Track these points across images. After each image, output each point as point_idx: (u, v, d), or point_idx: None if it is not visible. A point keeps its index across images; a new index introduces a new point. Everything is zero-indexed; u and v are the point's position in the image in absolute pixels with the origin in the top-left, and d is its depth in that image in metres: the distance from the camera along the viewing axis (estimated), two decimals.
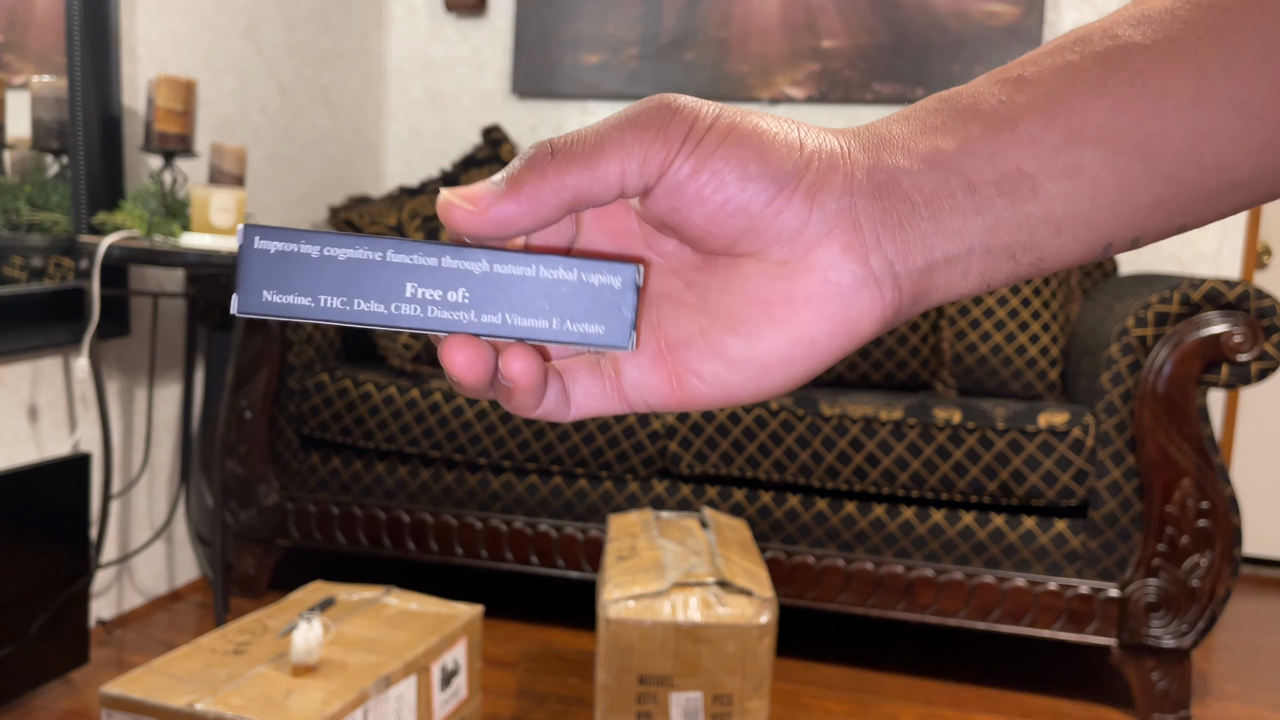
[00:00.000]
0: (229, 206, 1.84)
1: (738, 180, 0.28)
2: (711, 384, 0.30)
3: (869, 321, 0.29)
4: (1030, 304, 2.29)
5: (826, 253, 0.28)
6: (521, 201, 0.28)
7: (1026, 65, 0.29)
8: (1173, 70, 0.27)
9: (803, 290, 0.29)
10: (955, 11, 2.64)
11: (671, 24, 2.82)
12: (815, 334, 0.29)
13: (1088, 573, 1.91)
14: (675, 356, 0.31)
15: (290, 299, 0.28)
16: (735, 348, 0.30)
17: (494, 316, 0.28)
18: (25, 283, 1.85)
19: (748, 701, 1.43)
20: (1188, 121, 0.27)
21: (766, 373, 0.30)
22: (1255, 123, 0.27)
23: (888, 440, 1.98)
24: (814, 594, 2.01)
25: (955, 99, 0.29)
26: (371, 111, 2.99)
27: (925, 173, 0.28)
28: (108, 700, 1.23)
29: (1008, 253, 0.29)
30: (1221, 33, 0.26)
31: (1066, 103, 0.27)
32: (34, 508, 1.74)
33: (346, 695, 1.27)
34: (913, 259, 0.28)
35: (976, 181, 0.28)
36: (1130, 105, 0.27)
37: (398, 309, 0.28)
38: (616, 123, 0.28)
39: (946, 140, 0.28)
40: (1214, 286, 1.83)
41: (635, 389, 0.31)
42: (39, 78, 1.89)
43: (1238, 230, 2.61)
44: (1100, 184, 0.28)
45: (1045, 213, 0.28)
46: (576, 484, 2.12)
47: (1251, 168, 0.27)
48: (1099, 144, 0.27)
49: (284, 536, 2.23)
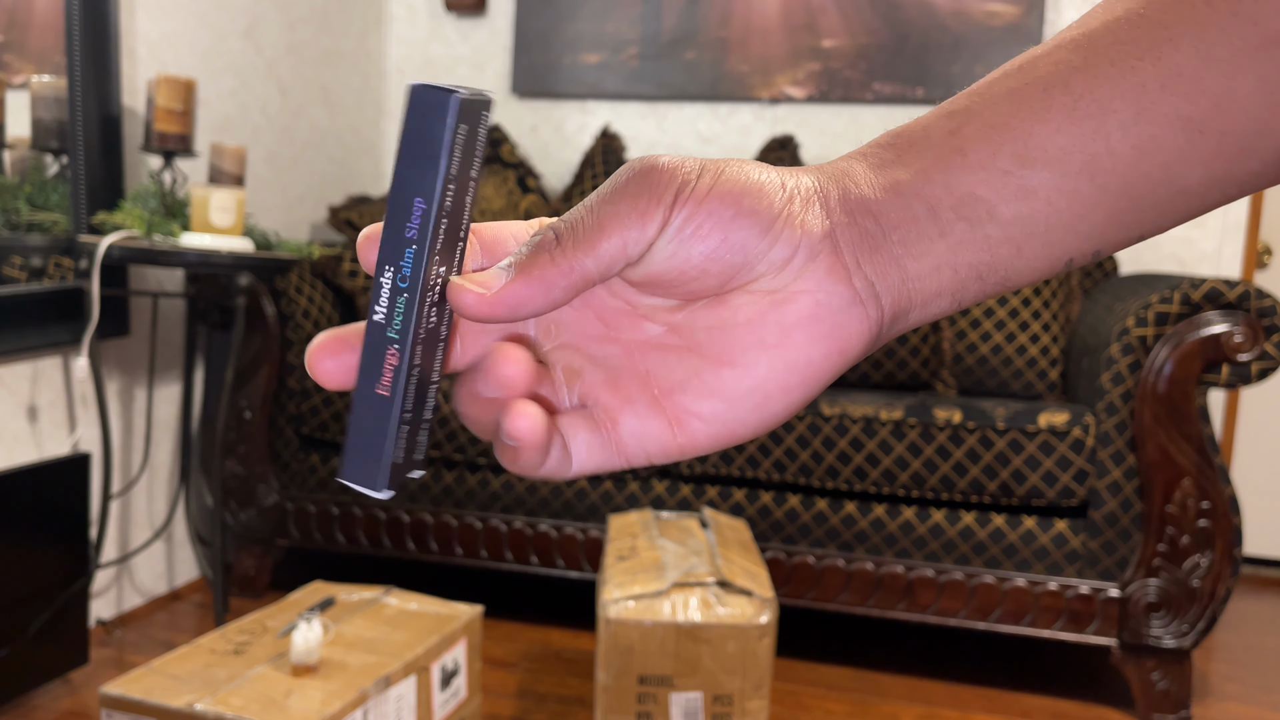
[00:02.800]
0: (229, 206, 1.84)
1: (734, 216, 0.29)
2: (712, 422, 0.31)
3: (858, 340, 0.30)
4: (1031, 304, 2.28)
5: (813, 277, 0.29)
6: (532, 285, 0.29)
7: (973, 96, 0.30)
8: (1113, 91, 0.28)
9: (794, 315, 0.30)
10: (955, 11, 2.64)
11: (672, 24, 2.81)
12: (810, 356, 0.30)
13: (1088, 573, 1.91)
14: (672, 401, 0.31)
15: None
16: (733, 380, 0.30)
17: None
18: (25, 283, 1.85)
19: (748, 702, 1.43)
20: (1131, 139, 0.28)
21: (767, 401, 0.30)
22: (1198, 135, 0.27)
23: (888, 440, 1.98)
24: (814, 594, 2.01)
25: (907, 134, 0.30)
26: (371, 111, 2.99)
27: (889, 200, 0.29)
28: (107, 700, 1.23)
29: (974, 272, 0.30)
30: (1159, 51, 0.27)
31: (1011, 129, 0.29)
32: (34, 508, 1.73)
33: (346, 695, 1.27)
34: (889, 278, 0.30)
35: (936, 206, 0.29)
36: (1074, 127, 0.28)
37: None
38: (608, 196, 0.29)
39: (903, 172, 0.30)
40: (1214, 286, 1.83)
41: (634, 439, 0.31)
42: (39, 77, 1.89)
43: (1238, 230, 2.61)
44: (1053, 204, 0.29)
45: (1003, 234, 0.29)
46: (576, 484, 2.12)
47: (1200, 177, 0.28)
48: (1046, 166, 0.28)
49: (284, 536, 2.23)
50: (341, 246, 2.41)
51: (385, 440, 0.29)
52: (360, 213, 2.54)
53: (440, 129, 0.27)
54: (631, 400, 0.31)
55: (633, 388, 0.31)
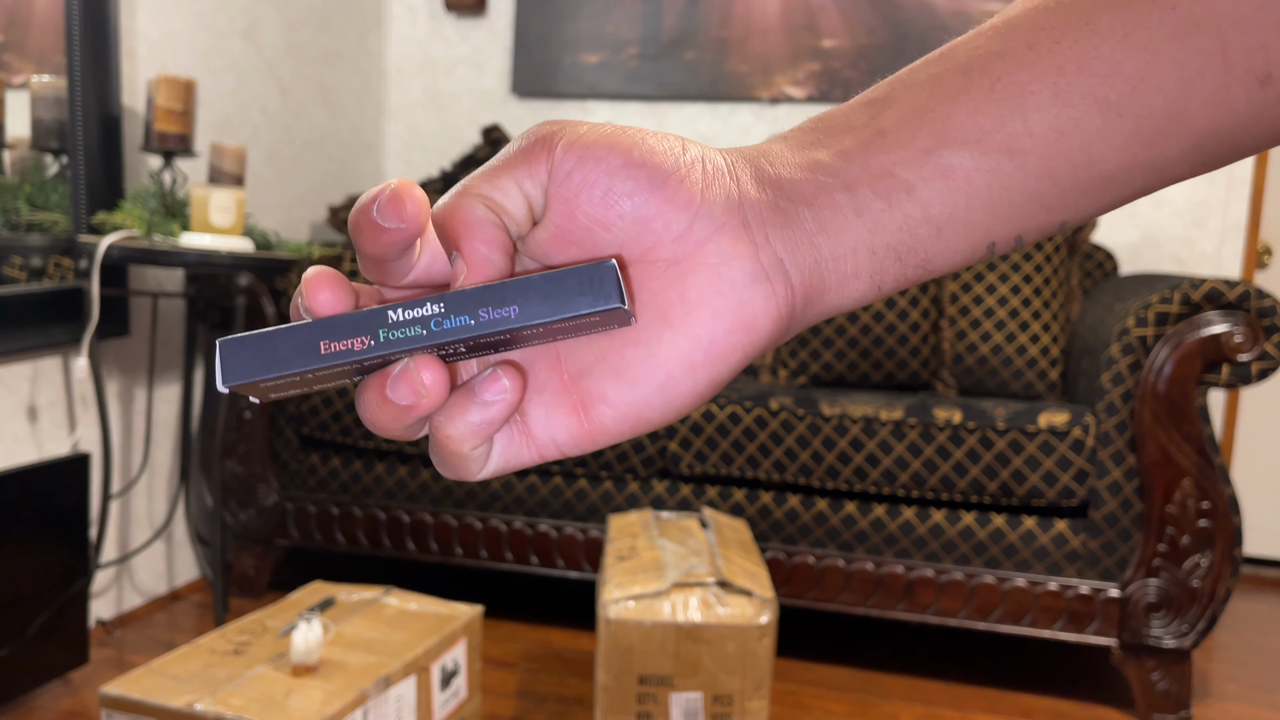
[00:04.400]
0: (229, 206, 1.84)
1: (623, 165, 0.28)
2: (618, 405, 0.30)
3: (765, 319, 0.29)
4: (1031, 304, 2.28)
5: (716, 249, 0.29)
6: (440, 208, 0.29)
7: (894, 84, 0.30)
8: (1031, 73, 0.28)
9: (696, 289, 0.29)
10: (955, 11, 2.64)
11: (672, 23, 2.81)
12: (714, 333, 0.29)
13: (1088, 573, 1.91)
14: (578, 385, 0.30)
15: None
16: (635, 359, 0.29)
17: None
18: (25, 283, 1.85)
19: (748, 702, 1.43)
20: (1049, 119, 0.28)
21: (671, 381, 0.29)
22: (1116, 117, 0.28)
23: (888, 440, 1.98)
24: (814, 594, 2.01)
25: (829, 119, 0.31)
26: (371, 111, 2.99)
27: (805, 178, 0.29)
28: (107, 700, 1.23)
29: (892, 254, 0.29)
30: (1078, 34, 0.27)
31: (931, 111, 0.29)
32: (34, 508, 1.73)
33: (346, 695, 1.27)
34: (801, 256, 0.29)
35: (853, 184, 0.29)
36: (992, 108, 0.28)
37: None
38: (504, 152, 0.30)
39: (822, 153, 0.29)
40: (1214, 286, 1.83)
41: (544, 429, 0.30)
42: (39, 77, 1.89)
43: (1238, 230, 2.61)
44: (972, 184, 0.29)
45: (923, 214, 0.29)
46: (576, 484, 2.12)
47: (1120, 161, 0.28)
48: (965, 146, 0.28)
49: (284, 536, 2.23)
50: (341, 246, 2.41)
51: (278, 368, 0.28)
52: None
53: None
54: (540, 389, 0.30)
55: (543, 373, 0.31)
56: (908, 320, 2.34)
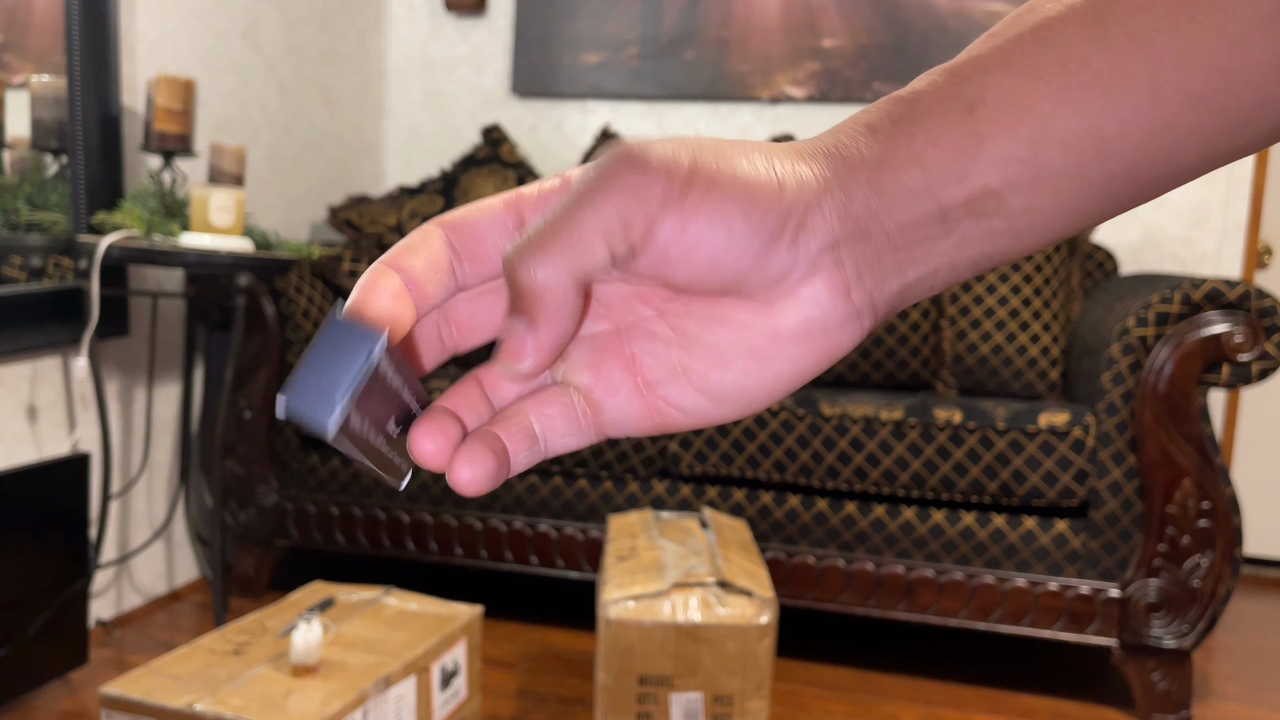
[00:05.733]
0: (228, 206, 1.84)
1: (725, 240, 0.27)
2: (693, 415, 0.31)
3: (848, 347, 0.30)
4: (1031, 304, 2.28)
5: (810, 291, 0.28)
6: (549, 329, 0.28)
7: (986, 64, 0.28)
8: (1130, 67, 0.26)
9: (788, 329, 0.29)
10: (956, 11, 2.64)
11: (672, 23, 2.81)
12: (800, 369, 0.30)
13: (1088, 573, 1.91)
14: (655, 392, 0.31)
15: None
16: (720, 383, 0.30)
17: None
18: (25, 282, 1.84)
19: (748, 702, 1.43)
20: (1144, 121, 0.27)
21: (752, 403, 0.30)
22: (1206, 113, 0.26)
23: (888, 440, 1.98)
24: (814, 594, 2.01)
25: (915, 109, 0.28)
26: (371, 111, 2.98)
27: (898, 203, 0.28)
28: (107, 700, 1.23)
29: (972, 266, 0.29)
30: (1177, 20, 0.26)
31: (1030, 111, 0.27)
32: (33, 508, 1.73)
33: (346, 696, 1.27)
34: (888, 286, 0.29)
35: (948, 206, 0.28)
36: (1089, 107, 0.27)
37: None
38: (587, 191, 0.27)
39: (914, 171, 0.28)
40: (1215, 286, 1.83)
41: (614, 426, 0.31)
42: (38, 77, 1.89)
43: (1239, 230, 2.61)
44: (1059, 190, 0.28)
45: (1008, 225, 0.28)
46: (576, 484, 2.12)
47: (1198, 154, 0.27)
48: (1061, 152, 0.27)
49: (284, 536, 2.23)
50: (341, 246, 2.41)
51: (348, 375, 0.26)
52: (360, 212, 2.54)
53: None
54: (615, 390, 0.31)
55: (616, 373, 0.31)
56: (908, 320, 2.34)
